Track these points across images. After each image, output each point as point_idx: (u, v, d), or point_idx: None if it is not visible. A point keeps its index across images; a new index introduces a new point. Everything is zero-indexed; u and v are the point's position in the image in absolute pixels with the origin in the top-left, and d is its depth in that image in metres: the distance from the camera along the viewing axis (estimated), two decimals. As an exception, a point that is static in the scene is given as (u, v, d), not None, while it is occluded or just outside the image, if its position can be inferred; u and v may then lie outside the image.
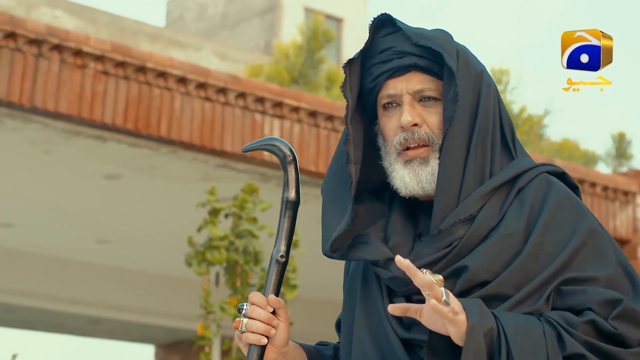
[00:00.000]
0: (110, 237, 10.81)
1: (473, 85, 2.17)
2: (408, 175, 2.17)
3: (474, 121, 2.16)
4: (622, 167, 18.22)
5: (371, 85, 2.23)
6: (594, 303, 2.03)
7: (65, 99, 7.05)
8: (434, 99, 2.18)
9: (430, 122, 2.18)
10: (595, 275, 2.07)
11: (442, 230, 2.11)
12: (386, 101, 2.21)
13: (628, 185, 9.96)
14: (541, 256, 2.08)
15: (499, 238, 2.09)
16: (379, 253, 2.16)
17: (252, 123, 7.88)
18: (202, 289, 6.16)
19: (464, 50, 2.21)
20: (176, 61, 7.61)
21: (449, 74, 2.15)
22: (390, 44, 2.20)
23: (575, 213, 2.14)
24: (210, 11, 26.93)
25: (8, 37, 6.89)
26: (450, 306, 1.97)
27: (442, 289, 1.97)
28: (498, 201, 2.14)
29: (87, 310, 12.35)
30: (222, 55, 21.47)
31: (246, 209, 6.23)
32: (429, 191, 2.17)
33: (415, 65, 2.18)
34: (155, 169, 8.35)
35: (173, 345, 14.23)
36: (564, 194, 2.16)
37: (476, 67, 2.21)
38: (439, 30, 2.24)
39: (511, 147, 2.22)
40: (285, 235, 2.25)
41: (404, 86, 2.19)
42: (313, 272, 9.30)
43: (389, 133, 2.21)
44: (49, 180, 8.93)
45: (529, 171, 2.18)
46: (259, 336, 2.17)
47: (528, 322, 2.01)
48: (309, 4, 25.79)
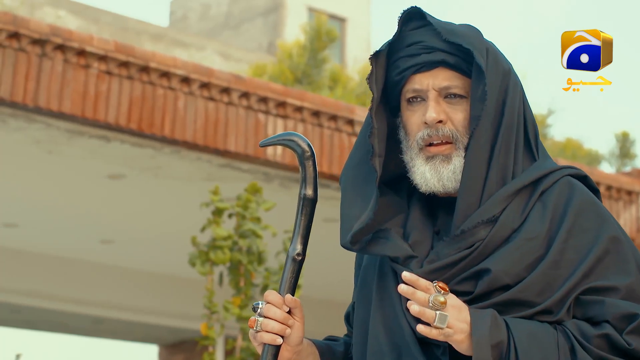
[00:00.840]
0: (114, 237, 10.81)
1: (500, 84, 2.15)
2: (429, 172, 2.15)
3: (500, 120, 2.14)
4: (625, 167, 18.22)
5: (397, 78, 2.19)
6: (611, 316, 2.02)
7: (69, 99, 7.06)
8: (460, 97, 2.16)
9: (454, 119, 2.15)
10: (615, 285, 2.06)
11: (464, 231, 2.09)
12: (411, 95, 2.18)
13: (631, 184, 9.96)
14: (563, 262, 2.07)
15: (521, 241, 2.08)
16: (399, 249, 2.14)
17: (256, 123, 7.88)
18: (206, 289, 6.16)
19: (493, 48, 2.19)
20: (179, 61, 7.61)
21: (477, 72, 2.12)
22: (419, 37, 2.17)
23: (598, 218, 2.12)
24: (213, 11, 26.94)
25: (12, 37, 6.89)
26: (444, 330, 1.99)
27: (437, 313, 1.99)
28: (520, 203, 2.12)
29: (90, 310, 12.35)
30: (226, 55, 21.48)
31: (250, 209, 6.22)
32: (449, 189, 2.15)
33: (444, 62, 2.15)
34: (159, 169, 8.35)
35: (176, 345, 14.23)
36: (587, 198, 2.14)
37: (504, 66, 2.18)
38: (468, 26, 2.21)
39: (534, 148, 2.20)
40: (302, 232, 2.23)
41: (431, 82, 2.16)
42: (316, 272, 9.30)
43: (411, 127, 2.19)
44: (52, 180, 8.93)
45: (552, 174, 2.16)
46: (274, 336, 2.15)
47: (542, 333, 2.01)
48: (312, 4, 25.78)
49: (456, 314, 2.01)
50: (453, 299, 2.03)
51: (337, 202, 9.09)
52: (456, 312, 2.01)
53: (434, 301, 2.00)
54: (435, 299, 1.99)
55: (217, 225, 6.17)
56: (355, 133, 8.27)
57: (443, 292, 2.02)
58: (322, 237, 10.27)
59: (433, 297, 2.00)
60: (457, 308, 2.02)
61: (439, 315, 1.99)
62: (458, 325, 2.00)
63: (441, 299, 1.99)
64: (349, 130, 8.25)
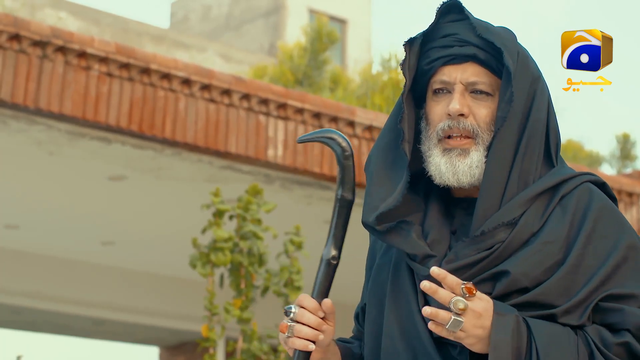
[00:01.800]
0: (115, 239, 10.81)
1: (528, 89, 2.16)
2: (444, 165, 2.15)
3: (524, 125, 2.14)
4: (626, 168, 18.22)
5: (426, 67, 2.20)
6: (632, 325, 2.03)
7: (70, 101, 7.06)
8: (486, 94, 2.17)
9: (477, 114, 2.16)
10: (635, 293, 2.06)
11: (484, 232, 2.09)
12: (438, 87, 2.19)
13: (632, 186, 9.96)
14: (581, 268, 2.07)
15: (540, 245, 2.08)
16: (418, 247, 2.14)
17: (257, 124, 7.88)
18: (207, 291, 6.16)
19: (524, 53, 2.20)
20: (180, 62, 7.62)
21: (507, 74, 2.13)
22: (454, 30, 2.19)
23: (616, 225, 2.13)
24: (214, 12, 26.94)
25: (12, 38, 6.90)
26: (456, 333, 1.99)
27: (452, 318, 1.98)
28: (540, 207, 2.13)
29: (91, 311, 12.36)
30: (227, 56, 21.48)
31: (250, 211, 6.23)
32: (464, 183, 2.15)
33: (475, 57, 2.17)
34: (160, 171, 8.36)
35: (177, 346, 14.23)
36: (606, 205, 2.15)
37: (534, 71, 2.19)
38: (505, 29, 2.23)
39: (553, 155, 2.20)
40: (337, 235, 2.19)
41: (459, 75, 2.17)
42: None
43: (434, 117, 2.19)
44: (53, 181, 8.93)
45: (572, 179, 2.16)
46: (306, 342, 2.12)
47: (563, 336, 2.02)
48: (313, 5, 25.79)
49: (474, 320, 2.00)
50: (477, 302, 2.02)
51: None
52: (474, 318, 2.00)
53: (454, 305, 1.99)
54: (455, 304, 1.98)
55: (218, 227, 6.17)
56: (356, 135, 8.28)
57: (469, 294, 2.00)
58: (323, 239, 10.22)
59: (454, 301, 1.98)
60: (476, 314, 2.01)
61: (452, 321, 1.98)
62: (472, 331, 2.00)
63: (461, 305, 1.98)
64: (349, 131, 8.25)
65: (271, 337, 6.22)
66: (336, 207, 2.18)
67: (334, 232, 2.17)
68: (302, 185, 8.57)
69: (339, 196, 2.17)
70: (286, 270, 6.24)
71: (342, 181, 2.16)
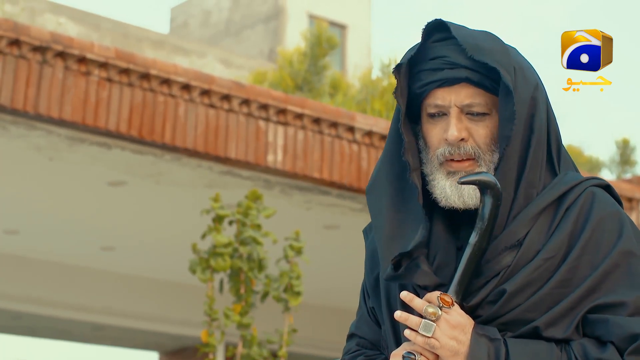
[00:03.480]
0: (115, 244, 10.81)
1: (529, 101, 2.11)
2: (450, 188, 2.11)
3: (529, 138, 2.10)
4: (626, 174, 18.22)
5: (419, 91, 2.14)
6: (615, 337, 2.01)
7: (70, 106, 7.07)
8: (482, 114, 2.11)
9: (476, 136, 2.11)
10: (623, 300, 2.03)
11: (489, 260, 2.06)
12: (433, 110, 2.13)
13: (632, 191, 9.96)
14: (574, 280, 2.05)
15: (540, 261, 2.05)
16: (430, 279, 2.10)
17: (256, 130, 7.88)
18: (206, 296, 6.16)
19: (520, 63, 2.14)
20: (180, 68, 7.62)
21: (505, 91, 2.08)
22: (442, 52, 2.12)
23: (614, 232, 2.08)
24: (214, 18, 26.96)
25: (12, 44, 6.90)
26: (429, 339, 1.99)
27: (423, 321, 1.99)
28: (546, 222, 2.09)
29: (91, 316, 12.35)
30: (226, 62, 21.49)
31: (250, 216, 6.23)
32: (470, 205, 2.10)
33: (467, 79, 2.10)
34: (160, 176, 8.36)
35: (177, 352, 14.22)
36: (607, 210, 2.11)
37: (532, 81, 2.14)
38: (490, 37, 2.15)
39: (555, 161, 2.15)
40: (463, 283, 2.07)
41: (453, 98, 2.11)
42: (317, 279, 9.30)
43: (432, 141, 2.14)
44: (53, 186, 8.94)
45: (575, 188, 2.12)
46: None
47: (544, 354, 2.00)
48: (313, 11, 25.81)
49: (448, 330, 2.01)
50: (453, 314, 2.02)
51: (337, 209, 9.10)
52: (448, 327, 2.01)
53: (425, 311, 2.00)
54: (426, 309, 2.00)
55: (217, 232, 6.17)
56: (355, 140, 8.28)
57: (444, 304, 2.01)
58: (323, 244, 10.28)
59: (425, 307, 2.00)
60: (450, 324, 2.01)
61: (423, 323, 1.99)
62: (445, 341, 2.00)
63: (430, 309, 2.00)
64: (349, 137, 8.25)
65: (271, 342, 6.22)
66: (468, 254, 2.05)
67: (460, 280, 2.06)
68: (302, 191, 8.57)
69: (478, 244, 2.05)
70: (286, 276, 6.24)
71: (486, 230, 2.05)
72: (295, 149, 8.04)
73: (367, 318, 2.29)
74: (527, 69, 2.16)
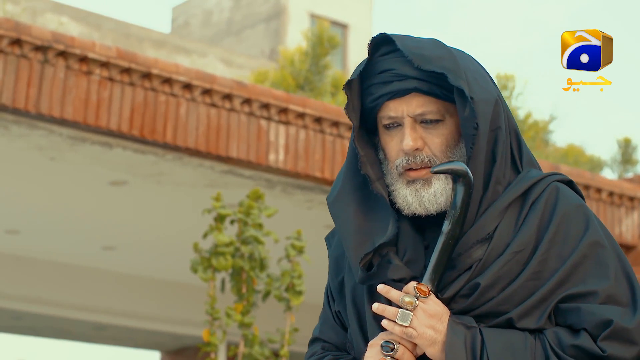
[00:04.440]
0: (116, 244, 10.82)
1: (490, 99, 2.15)
2: (410, 196, 2.16)
3: (495, 135, 2.15)
4: (627, 173, 18.21)
5: (371, 105, 2.20)
6: (588, 324, 2.05)
7: (71, 106, 7.07)
8: (436, 121, 2.16)
9: (431, 144, 2.16)
10: (594, 290, 2.07)
11: (460, 254, 2.11)
12: (387, 122, 2.19)
13: (634, 191, 9.95)
14: (545, 272, 2.09)
15: (510, 255, 2.09)
16: (404, 272, 2.14)
17: (258, 129, 7.88)
18: (208, 295, 6.16)
19: (468, 66, 2.18)
20: (182, 67, 7.62)
21: (459, 93, 2.11)
22: (390, 65, 2.17)
23: (582, 224, 2.13)
24: (215, 17, 26.96)
25: (14, 43, 6.90)
26: (406, 329, 2.04)
27: (400, 311, 2.04)
28: (513, 216, 2.14)
29: (92, 316, 12.36)
30: (228, 61, 21.49)
31: (252, 215, 6.22)
32: (431, 211, 2.15)
33: (416, 89, 2.14)
34: (161, 175, 8.36)
35: (179, 351, 14.23)
36: (572, 203, 2.15)
37: (486, 80, 2.19)
38: (438, 45, 2.19)
39: (517, 158, 2.21)
40: (438, 271, 2.11)
41: (405, 109, 2.16)
42: (319, 278, 9.29)
43: (390, 152, 2.19)
44: (54, 186, 8.94)
45: (539, 183, 2.17)
46: None
47: (518, 343, 2.04)
48: (314, 10, 25.81)
49: (424, 318, 2.05)
50: (430, 304, 2.06)
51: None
52: (425, 317, 2.05)
53: (401, 301, 2.05)
54: (402, 298, 2.05)
55: (219, 232, 6.17)
56: (357, 139, 8.28)
57: (420, 294, 2.06)
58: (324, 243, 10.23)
59: (402, 297, 2.05)
60: (427, 313, 2.06)
61: (400, 313, 2.04)
62: (422, 330, 2.05)
63: (407, 299, 2.04)
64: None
65: (272, 341, 6.22)
66: (442, 242, 2.10)
67: (434, 268, 2.10)
68: (304, 190, 8.58)
69: (450, 232, 2.11)
70: (287, 275, 6.24)
71: (459, 218, 2.10)
72: (297, 148, 8.04)
73: (332, 322, 2.33)
74: (476, 69, 2.20)
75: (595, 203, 9.71)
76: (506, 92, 15.91)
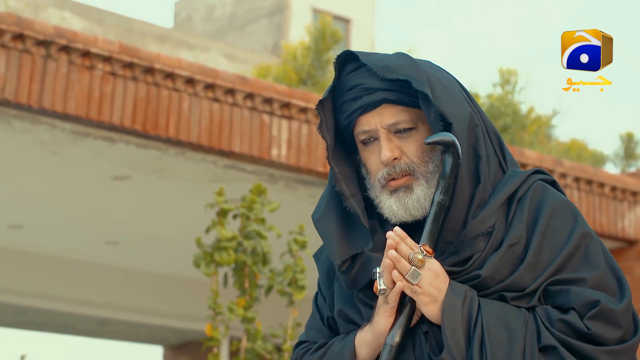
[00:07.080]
0: (119, 238, 10.82)
1: (453, 100, 2.21)
2: (395, 204, 2.22)
3: (473, 133, 2.22)
4: (630, 168, 18.20)
5: (345, 122, 2.26)
6: (576, 303, 2.13)
7: (74, 100, 7.06)
8: (409, 129, 2.23)
9: (408, 151, 2.22)
10: (583, 276, 2.16)
11: (463, 241, 2.18)
12: (363, 137, 2.25)
13: (636, 185, 9.94)
14: (538, 264, 2.17)
15: (506, 248, 2.17)
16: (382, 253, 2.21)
17: (260, 124, 7.88)
18: (211, 290, 6.16)
19: (431, 70, 2.25)
20: (184, 62, 7.62)
21: (424, 98, 2.18)
22: (358, 80, 2.23)
23: (570, 219, 2.22)
24: (218, 12, 26.96)
25: (16, 38, 6.90)
26: (413, 286, 2.10)
27: (412, 268, 2.11)
28: (503, 212, 2.22)
29: (95, 311, 12.37)
30: (230, 56, 21.49)
31: (254, 210, 6.22)
32: (417, 217, 2.22)
33: (385, 100, 2.21)
34: (164, 170, 8.36)
35: (182, 346, 14.24)
36: (559, 199, 2.24)
37: (452, 83, 2.26)
38: (401, 56, 2.26)
39: (499, 156, 2.28)
40: (432, 239, 2.19)
41: (378, 121, 2.22)
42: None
43: (371, 167, 2.26)
44: (57, 181, 8.94)
45: (525, 181, 2.24)
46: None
47: (511, 314, 2.13)
48: (316, 5, 25.80)
49: (431, 277, 2.12)
50: (434, 263, 2.14)
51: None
52: (431, 276, 2.12)
53: (413, 257, 2.11)
54: (414, 255, 2.11)
55: (221, 227, 6.17)
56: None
57: (427, 254, 2.12)
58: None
59: (413, 254, 2.11)
60: (434, 273, 2.13)
61: (412, 271, 2.11)
62: (427, 289, 2.12)
63: (419, 257, 2.11)
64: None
65: (275, 336, 6.23)
66: (434, 212, 2.18)
67: (429, 236, 2.17)
68: (306, 185, 8.58)
69: (442, 201, 2.18)
70: (290, 270, 6.24)
71: (449, 187, 2.17)
72: (300, 143, 8.04)
73: (322, 328, 2.38)
74: (443, 76, 2.28)
75: (598, 198, 9.71)
76: (509, 87, 15.89)
